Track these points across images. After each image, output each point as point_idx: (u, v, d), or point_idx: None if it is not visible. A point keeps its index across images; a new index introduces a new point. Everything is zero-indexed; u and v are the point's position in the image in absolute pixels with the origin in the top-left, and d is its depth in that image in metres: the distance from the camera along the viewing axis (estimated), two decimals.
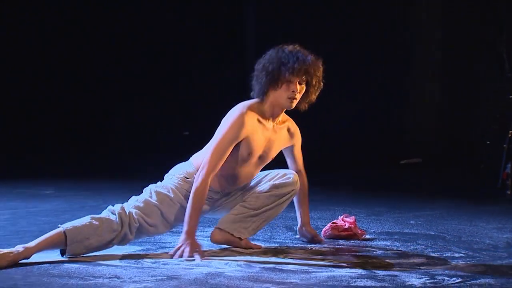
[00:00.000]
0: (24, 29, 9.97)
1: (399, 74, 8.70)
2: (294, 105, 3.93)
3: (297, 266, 3.72)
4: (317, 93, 3.99)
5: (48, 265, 3.68)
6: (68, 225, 3.88)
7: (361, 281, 3.46)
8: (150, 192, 4.01)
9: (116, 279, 3.45)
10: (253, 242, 4.13)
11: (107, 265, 3.70)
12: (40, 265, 3.68)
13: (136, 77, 10.30)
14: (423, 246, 4.21)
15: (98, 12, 10.22)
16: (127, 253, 3.96)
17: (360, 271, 3.64)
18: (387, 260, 3.87)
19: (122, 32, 10.24)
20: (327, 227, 4.47)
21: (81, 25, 10.22)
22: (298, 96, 3.92)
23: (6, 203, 5.67)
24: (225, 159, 3.92)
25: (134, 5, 10.30)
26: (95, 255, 3.89)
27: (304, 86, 3.93)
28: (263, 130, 3.99)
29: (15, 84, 9.92)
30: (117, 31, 10.23)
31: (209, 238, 4.11)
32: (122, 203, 4.01)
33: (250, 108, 3.94)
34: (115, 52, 10.28)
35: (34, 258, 3.81)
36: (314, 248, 4.15)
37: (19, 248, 3.73)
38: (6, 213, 5.24)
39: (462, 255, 4.00)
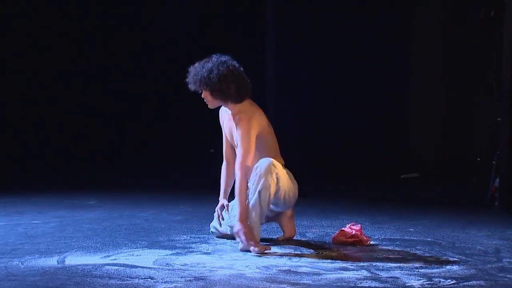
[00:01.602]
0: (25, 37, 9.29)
1: (399, 98, 8.65)
2: (210, 106, 4.24)
3: (309, 269, 3.70)
4: (226, 91, 4.11)
5: (91, 267, 3.69)
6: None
7: (366, 282, 3.44)
8: None
9: (150, 279, 3.45)
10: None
11: (142, 267, 3.70)
12: (84, 267, 3.68)
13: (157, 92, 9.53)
14: (421, 251, 4.18)
15: (105, 17, 9.41)
16: (160, 256, 3.96)
17: (365, 273, 3.62)
18: (390, 264, 3.84)
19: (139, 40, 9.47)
20: (336, 234, 4.45)
21: (83, 31, 9.45)
22: (208, 101, 4.19)
23: (55, 212, 5.69)
24: (228, 147, 4.36)
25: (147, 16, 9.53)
26: (132, 258, 3.89)
27: (207, 92, 4.15)
28: (228, 119, 4.28)
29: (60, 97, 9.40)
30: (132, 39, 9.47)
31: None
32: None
33: None
34: (137, 62, 9.46)
35: (78, 261, 3.82)
36: (324, 253, 4.12)
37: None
38: (54, 221, 5.26)
39: (456, 259, 3.97)
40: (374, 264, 3.82)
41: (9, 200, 6.34)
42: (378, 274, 3.59)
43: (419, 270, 3.70)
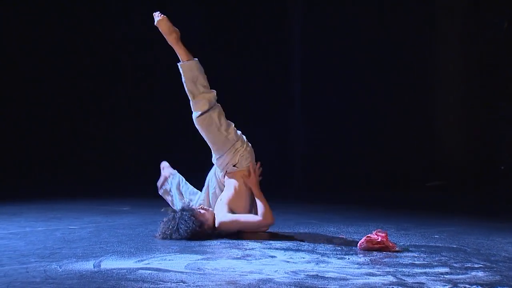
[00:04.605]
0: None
1: (425, 108, 8.59)
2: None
3: (336, 274, 3.67)
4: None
5: (125, 271, 3.70)
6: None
7: (392, 287, 3.40)
8: None
9: (182, 283, 3.45)
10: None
11: (175, 271, 3.70)
12: (118, 271, 3.70)
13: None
14: (446, 258, 4.13)
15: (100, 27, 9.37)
16: (191, 261, 3.96)
17: (391, 278, 3.58)
18: (415, 270, 3.80)
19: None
20: (362, 240, 4.41)
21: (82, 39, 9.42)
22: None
23: (91, 218, 5.73)
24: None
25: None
26: (165, 263, 3.90)
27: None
28: None
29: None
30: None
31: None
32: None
33: None
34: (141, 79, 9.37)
35: (113, 265, 3.83)
36: (351, 259, 4.09)
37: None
38: (91, 226, 5.30)
39: (481, 266, 3.91)
40: (400, 270, 3.78)
41: (48, 207, 6.40)
42: (404, 280, 3.55)
43: (445, 276, 3.65)
